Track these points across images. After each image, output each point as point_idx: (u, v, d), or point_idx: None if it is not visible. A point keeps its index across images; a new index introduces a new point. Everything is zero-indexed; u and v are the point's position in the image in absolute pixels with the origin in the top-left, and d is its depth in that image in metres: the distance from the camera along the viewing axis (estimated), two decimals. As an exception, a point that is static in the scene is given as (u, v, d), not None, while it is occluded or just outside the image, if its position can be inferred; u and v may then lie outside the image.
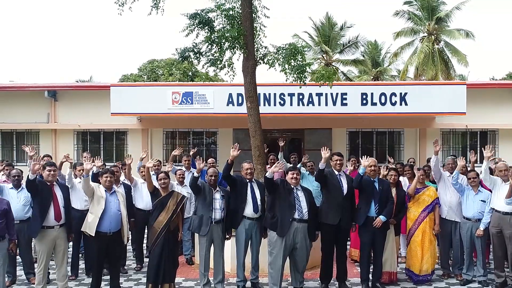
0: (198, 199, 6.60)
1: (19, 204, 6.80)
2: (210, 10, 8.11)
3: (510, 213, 6.35)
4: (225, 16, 8.17)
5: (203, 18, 8.11)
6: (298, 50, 8.13)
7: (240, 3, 8.16)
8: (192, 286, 6.87)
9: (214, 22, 8.25)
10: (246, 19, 8.17)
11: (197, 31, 8.19)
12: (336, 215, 6.48)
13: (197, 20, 8.10)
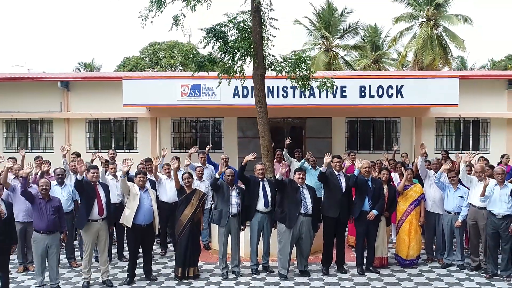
0: (218, 196, 7.77)
1: (63, 199, 7.94)
2: (224, 25, 9.15)
3: (484, 208, 7.53)
4: (237, 29, 9.23)
5: (218, 32, 9.17)
6: (302, 60, 9.22)
7: (251, 19, 9.18)
8: (212, 269, 8.09)
9: (227, 34, 9.30)
10: (256, 33, 9.22)
11: (213, 43, 9.26)
12: (336, 210, 7.68)
13: (212, 34, 9.16)
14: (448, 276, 7.64)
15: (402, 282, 7.38)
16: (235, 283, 7.41)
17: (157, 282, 7.50)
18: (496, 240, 7.43)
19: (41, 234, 6.92)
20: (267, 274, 7.78)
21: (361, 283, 7.36)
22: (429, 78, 17.27)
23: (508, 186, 7.34)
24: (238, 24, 9.20)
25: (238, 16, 9.39)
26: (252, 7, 9.08)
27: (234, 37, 9.37)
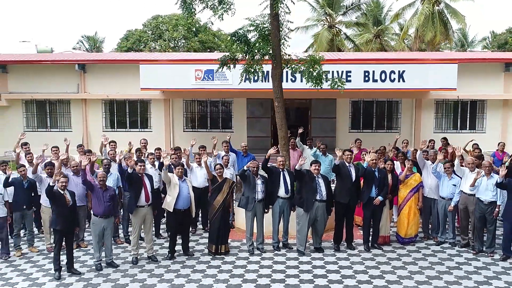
0: (245, 184, 9.11)
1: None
2: (247, 31, 10.34)
3: (473, 195, 8.89)
4: (257, 32, 10.42)
5: (240, 36, 10.36)
6: (316, 61, 10.43)
7: (270, 24, 10.35)
8: (238, 246, 9.51)
9: (248, 37, 10.49)
10: (275, 36, 10.40)
11: (237, 45, 10.45)
12: (346, 196, 9.05)
13: (235, 37, 10.35)
14: (441, 252, 9.08)
15: (402, 258, 8.82)
16: (261, 258, 8.84)
17: (194, 257, 8.93)
18: (482, 222, 8.83)
19: (99, 218, 8.29)
20: (286, 250, 9.21)
21: (367, 258, 8.80)
22: (429, 64, 18.42)
23: (493, 177, 8.69)
24: (259, 27, 10.38)
25: (258, 20, 10.55)
26: (272, 14, 10.22)
27: (254, 39, 10.56)
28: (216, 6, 9.91)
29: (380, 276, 7.95)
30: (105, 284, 7.82)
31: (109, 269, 8.38)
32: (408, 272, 8.13)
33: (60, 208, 7.97)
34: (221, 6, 9.85)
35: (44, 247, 9.50)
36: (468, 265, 8.42)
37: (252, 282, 7.79)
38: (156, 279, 7.94)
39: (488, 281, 7.71)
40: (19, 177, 9.24)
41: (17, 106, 21.60)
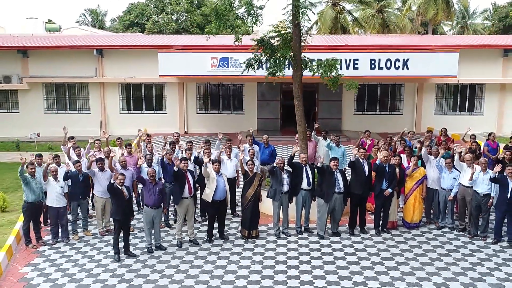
0: (273, 178, 10.59)
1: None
2: (271, 37, 11.64)
3: (470, 187, 10.41)
4: (282, 39, 11.73)
5: (265, 42, 11.67)
6: (333, 66, 11.76)
7: (292, 31, 11.64)
8: (265, 229, 11.06)
9: (273, 42, 11.79)
10: (296, 42, 11.70)
11: (262, 50, 11.77)
12: (360, 188, 10.57)
13: (260, 44, 11.66)
14: (441, 236, 10.67)
15: (408, 241, 10.41)
16: (287, 242, 10.41)
17: (229, 240, 10.49)
18: (478, 211, 10.39)
19: (149, 208, 9.78)
20: (308, 234, 10.78)
21: (378, 242, 10.39)
22: (432, 52, 19.71)
23: (488, 173, 10.18)
24: (281, 34, 11.69)
25: (280, 26, 11.83)
26: (294, 22, 11.50)
27: (278, 43, 11.87)
28: (246, 17, 11.17)
29: (390, 258, 9.55)
30: (159, 265, 9.38)
31: (159, 252, 9.93)
32: (414, 255, 9.73)
33: (119, 201, 9.46)
34: (250, 17, 11.10)
35: (96, 231, 11.02)
36: (464, 248, 10.02)
37: (283, 263, 9.37)
38: (201, 261, 9.51)
39: (481, 263, 9.32)
40: (75, 171, 10.65)
41: (37, 89, 22.86)
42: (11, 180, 16.13)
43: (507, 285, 8.49)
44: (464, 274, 8.87)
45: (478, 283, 8.57)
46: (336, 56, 18.94)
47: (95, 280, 8.80)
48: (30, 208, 10.18)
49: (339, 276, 8.82)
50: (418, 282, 8.57)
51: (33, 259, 9.72)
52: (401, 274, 8.90)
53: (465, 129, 14.25)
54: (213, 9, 11.27)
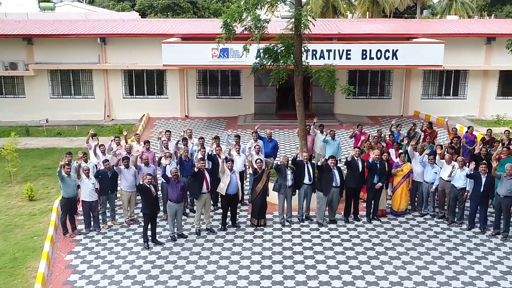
0: (278, 174, 12.26)
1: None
2: (275, 45, 13.12)
3: (449, 181, 12.19)
4: (284, 46, 13.21)
5: (270, 51, 13.16)
6: (332, 74, 13.29)
7: (294, 39, 13.11)
8: (271, 218, 12.80)
9: (277, 50, 13.27)
10: (297, 50, 13.20)
11: (266, 57, 13.26)
12: (354, 183, 12.31)
13: (267, 52, 13.15)
14: (423, 223, 12.53)
15: (395, 227, 12.25)
16: (291, 229, 12.19)
17: (241, 228, 12.23)
18: (455, 201, 12.22)
19: (173, 203, 11.42)
20: (309, 222, 12.56)
21: (369, 228, 12.20)
22: (420, 44, 21.27)
23: (465, 169, 11.94)
24: (286, 42, 13.18)
25: (283, 35, 13.31)
26: (296, 33, 12.97)
27: (281, 50, 13.36)
28: (253, 29, 12.61)
29: (380, 244, 11.39)
30: (183, 251, 11.11)
31: (181, 239, 11.63)
32: (400, 240, 11.57)
33: (147, 198, 11.08)
34: (257, 29, 12.55)
35: (123, 220, 12.68)
36: (443, 234, 11.89)
37: (289, 249, 11.16)
38: (219, 248, 11.25)
39: (455, 248, 11.19)
40: (104, 168, 12.19)
41: (43, 76, 24.04)
42: (29, 168, 17.58)
43: (476, 267, 10.37)
44: (441, 258, 10.74)
45: (453, 265, 10.44)
46: (330, 47, 20.63)
47: (131, 266, 10.51)
48: (67, 203, 11.78)
49: (337, 261, 10.64)
50: (403, 266, 10.43)
51: (74, 248, 11.38)
52: (389, 258, 10.75)
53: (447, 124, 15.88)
54: (224, 21, 12.66)
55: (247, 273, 10.18)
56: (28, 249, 11.54)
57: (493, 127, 22.28)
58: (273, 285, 9.73)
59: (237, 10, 12.53)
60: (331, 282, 9.81)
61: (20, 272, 10.55)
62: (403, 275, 10.04)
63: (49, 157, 19.08)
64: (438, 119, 23.10)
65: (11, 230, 12.67)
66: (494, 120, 23.36)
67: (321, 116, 23.23)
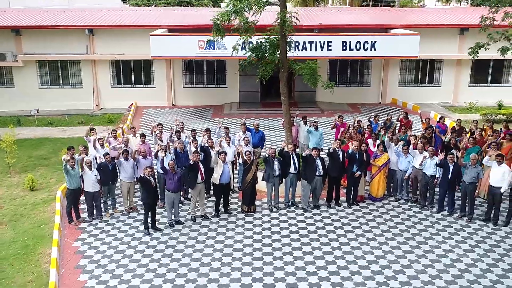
0: (266, 165, 13.51)
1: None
2: (262, 44, 14.24)
3: (421, 169, 13.60)
4: (269, 44, 14.34)
5: (257, 49, 14.28)
6: (314, 68, 14.47)
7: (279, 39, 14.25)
8: (260, 204, 14.08)
9: (264, 49, 14.39)
10: (283, 48, 14.35)
11: (253, 55, 14.38)
12: (336, 172, 13.64)
13: (255, 50, 14.27)
14: (398, 207, 13.95)
15: (372, 212, 13.65)
16: (279, 215, 13.49)
17: (233, 214, 13.49)
18: (426, 187, 13.65)
19: (170, 192, 12.59)
20: (295, 208, 13.87)
21: (350, 213, 13.58)
22: (397, 36, 22.59)
23: (435, 159, 13.35)
24: (271, 41, 14.31)
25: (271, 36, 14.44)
26: (282, 34, 14.10)
27: (267, 48, 14.49)
28: (242, 31, 13.71)
29: (358, 227, 12.77)
30: (181, 237, 12.33)
31: (179, 225, 12.84)
32: (377, 223, 12.97)
33: (148, 189, 12.23)
34: (247, 32, 13.66)
35: (122, 208, 13.82)
36: (415, 217, 13.33)
37: (277, 233, 12.47)
38: (214, 233, 12.50)
39: (426, 229, 12.63)
40: (105, 161, 13.27)
41: (31, 66, 24.74)
42: (26, 159, 18.50)
43: (443, 246, 11.83)
44: (413, 239, 12.17)
45: (423, 245, 11.88)
46: (312, 38, 21.79)
47: (135, 250, 11.71)
48: (72, 194, 12.86)
49: (320, 243, 11.99)
50: (379, 246, 11.83)
51: (80, 235, 12.51)
52: (366, 240, 12.14)
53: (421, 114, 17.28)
54: (215, 23, 13.72)
55: (240, 255, 11.46)
56: (37, 237, 12.62)
57: (466, 113, 24.01)
58: (264, 265, 11.03)
59: (226, 13, 13.59)
60: (315, 262, 11.15)
61: (32, 258, 11.65)
62: (379, 255, 11.44)
63: (43, 147, 19.99)
64: (414, 106, 24.58)
65: (18, 219, 13.69)
66: (467, 107, 24.90)
67: (304, 104, 24.63)
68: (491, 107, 24.55)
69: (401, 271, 10.77)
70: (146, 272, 10.81)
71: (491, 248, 11.71)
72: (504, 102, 24.76)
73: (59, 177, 16.67)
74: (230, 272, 10.78)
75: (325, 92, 25.54)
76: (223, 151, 13.45)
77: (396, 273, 10.69)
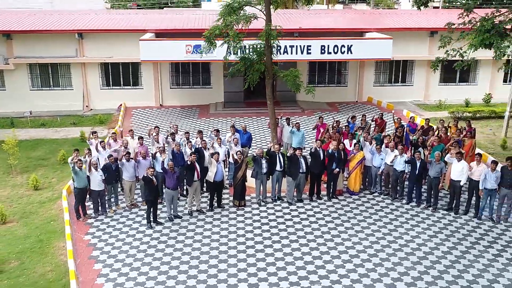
0: (255, 164, 15.25)
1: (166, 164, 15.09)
2: (249, 54, 15.94)
3: (392, 166, 15.51)
4: (256, 53, 16.05)
5: (246, 59, 15.98)
6: (297, 75, 16.24)
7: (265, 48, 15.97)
8: (249, 199, 15.81)
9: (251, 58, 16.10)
10: (268, 57, 16.08)
11: (242, 63, 16.09)
12: (317, 169, 15.47)
13: (243, 60, 15.97)
14: (372, 199, 15.86)
15: (350, 204, 15.53)
16: (266, 208, 15.27)
17: (225, 209, 15.22)
18: (396, 182, 15.58)
19: (170, 190, 14.24)
20: (281, 201, 15.66)
21: (330, 205, 15.44)
22: (371, 39, 24.53)
23: (404, 156, 15.27)
24: (257, 49, 16.02)
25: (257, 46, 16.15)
26: (267, 44, 15.83)
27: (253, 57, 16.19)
28: (231, 43, 15.39)
29: (338, 218, 14.63)
30: (180, 229, 14.00)
31: (177, 220, 14.51)
32: (354, 214, 14.85)
33: (150, 187, 13.86)
34: (235, 43, 15.35)
35: (124, 205, 15.41)
36: (387, 208, 15.26)
37: (266, 224, 14.24)
38: (210, 225, 14.21)
39: (397, 219, 14.57)
40: (109, 162, 14.83)
41: (22, 69, 25.97)
42: (25, 160, 19.87)
43: (411, 233, 13.77)
44: (385, 227, 14.08)
45: (393, 232, 13.80)
46: (293, 43, 23.54)
47: (140, 242, 13.34)
48: (80, 192, 14.40)
49: (305, 232, 13.81)
50: (356, 234, 13.70)
51: (89, 229, 14.08)
52: (345, 229, 14.01)
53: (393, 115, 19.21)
54: (207, 36, 15.37)
55: (235, 244, 13.20)
56: (49, 232, 14.15)
57: (436, 111, 26.14)
58: (256, 252, 12.78)
59: (217, 27, 15.25)
60: (301, 248, 12.96)
61: (48, 251, 13.20)
62: (355, 241, 13.31)
63: (40, 148, 21.37)
64: (389, 105, 26.60)
65: (28, 216, 15.18)
66: (437, 105, 27.03)
67: (285, 104, 26.43)
68: (459, 104, 26.74)
69: (374, 254, 12.66)
70: (153, 260, 12.47)
71: (452, 234, 13.68)
72: (471, 99, 26.97)
73: (59, 177, 18.17)
74: (227, 259, 12.50)
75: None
76: (216, 152, 15.13)
77: (370, 256, 12.58)
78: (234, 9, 15.52)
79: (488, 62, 27.49)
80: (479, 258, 12.47)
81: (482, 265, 12.16)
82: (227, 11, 15.47)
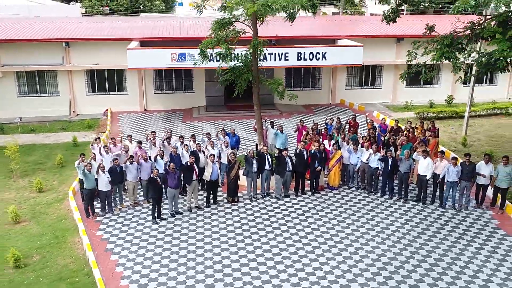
0: (246, 163, 17.29)
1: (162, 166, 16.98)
2: (236, 65, 17.98)
3: (367, 163, 17.81)
4: (243, 63, 18.10)
5: (235, 69, 18.02)
6: (280, 84, 18.37)
7: (251, 60, 18.03)
8: (242, 195, 17.84)
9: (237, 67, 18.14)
10: (255, 67, 18.16)
11: (230, 73, 18.11)
12: (301, 167, 17.64)
13: (231, 70, 18.02)
14: (350, 193, 18.14)
15: (331, 198, 17.76)
16: (257, 203, 17.34)
17: (220, 205, 17.22)
18: (371, 177, 17.91)
19: (171, 189, 16.15)
20: (270, 197, 17.76)
21: (313, 200, 17.62)
22: (344, 47, 26.91)
23: (377, 154, 17.58)
24: (244, 59, 18.08)
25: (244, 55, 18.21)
26: (254, 55, 17.91)
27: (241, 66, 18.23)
28: (224, 57, 17.40)
29: (321, 210, 16.83)
30: (183, 224, 15.93)
31: (178, 215, 16.43)
32: (335, 207, 17.09)
33: (155, 186, 15.74)
34: (227, 56, 17.37)
35: (128, 204, 17.22)
36: (363, 201, 17.56)
37: (259, 217, 16.32)
38: (208, 219, 16.19)
39: (373, 210, 16.87)
40: (114, 165, 16.61)
41: (10, 76, 27.27)
42: (23, 164, 21.32)
43: (385, 221, 16.09)
44: (363, 217, 16.35)
45: (371, 221, 16.08)
46: (272, 50, 25.66)
47: (149, 236, 15.22)
48: (89, 193, 16.15)
49: (294, 223, 15.95)
50: (338, 224, 15.92)
51: (99, 226, 15.85)
52: (328, 219, 16.22)
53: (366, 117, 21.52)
54: (201, 50, 17.35)
55: (234, 235, 15.23)
56: (63, 229, 15.84)
57: (403, 111, 28.73)
58: (248, 244, 14.84)
59: (211, 41, 17.25)
60: (292, 237, 15.09)
61: (65, 246, 14.91)
62: (338, 229, 15.53)
63: (34, 153, 22.85)
64: (360, 106, 29.07)
65: (39, 216, 16.80)
66: (404, 106, 29.66)
67: (264, 107, 28.20)
68: (424, 105, 29.44)
69: (355, 240, 14.89)
70: (163, 250, 14.37)
71: (421, 221, 16.07)
72: (435, 101, 29.74)
73: (60, 180, 19.79)
74: (226, 248, 14.52)
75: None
76: (212, 154, 17.12)
77: (352, 242, 14.80)
78: (224, 25, 17.55)
79: (450, 66, 30.12)
80: (444, 241, 14.86)
81: (447, 246, 14.55)
82: (218, 27, 17.47)
